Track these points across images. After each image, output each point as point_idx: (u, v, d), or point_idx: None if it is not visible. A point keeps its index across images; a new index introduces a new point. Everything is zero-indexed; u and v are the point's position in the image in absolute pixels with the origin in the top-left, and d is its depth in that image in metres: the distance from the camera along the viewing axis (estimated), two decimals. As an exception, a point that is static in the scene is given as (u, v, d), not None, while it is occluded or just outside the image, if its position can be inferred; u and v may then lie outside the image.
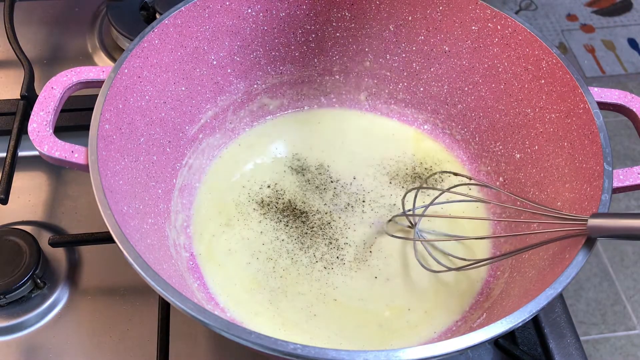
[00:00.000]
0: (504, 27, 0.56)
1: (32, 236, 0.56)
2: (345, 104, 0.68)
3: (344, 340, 0.52)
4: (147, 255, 0.43)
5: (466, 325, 0.52)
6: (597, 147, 0.48)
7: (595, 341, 1.36)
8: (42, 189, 0.63)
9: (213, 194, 0.61)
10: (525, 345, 0.55)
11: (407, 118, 0.67)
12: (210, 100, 0.60)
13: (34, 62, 0.68)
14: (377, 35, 0.62)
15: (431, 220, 0.59)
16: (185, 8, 0.54)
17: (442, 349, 0.37)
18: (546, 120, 0.54)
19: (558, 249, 0.47)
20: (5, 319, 0.54)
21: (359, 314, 0.53)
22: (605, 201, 0.45)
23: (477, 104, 0.61)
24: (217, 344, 0.54)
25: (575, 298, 1.42)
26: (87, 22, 0.78)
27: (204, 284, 0.55)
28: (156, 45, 0.53)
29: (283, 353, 0.37)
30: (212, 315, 0.38)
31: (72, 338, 0.54)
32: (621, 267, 1.48)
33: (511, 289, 0.50)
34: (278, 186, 0.61)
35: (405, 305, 0.54)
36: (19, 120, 0.61)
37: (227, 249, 0.57)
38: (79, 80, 0.51)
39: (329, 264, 0.56)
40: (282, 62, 0.63)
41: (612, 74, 1.84)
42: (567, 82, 0.52)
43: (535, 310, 0.39)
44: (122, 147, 0.49)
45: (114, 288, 0.57)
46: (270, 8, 0.59)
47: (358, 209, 0.60)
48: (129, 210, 0.47)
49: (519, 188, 0.57)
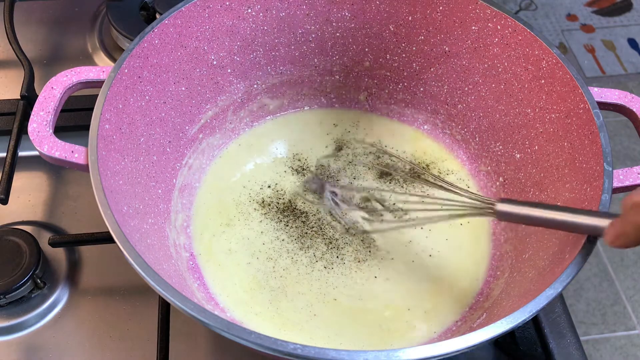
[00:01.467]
0: (504, 27, 0.56)
1: (32, 236, 0.56)
2: (345, 104, 0.68)
3: (344, 340, 0.52)
4: (147, 255, 0.43)
5: (466, 325, 0.52)
6: (597, 147, 0.48)
7: (595, 341, 1.36)
8: (42, 189, 0.63)
9: (213, 194, 0.61)
10: (525, 345, 0.55)
11: (407, 118, 0.67)
12: (210, 100, 0.60)
13: (34, 62, 0.68)
14: (377, 35, 0.62)
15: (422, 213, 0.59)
16: (185, 8, 0.54)
17: (442, 349, 0.37)
18: (546, 120, 0.54)
19: (558, 249, 0.47)
20: (5, 319, 0.54)
21: (358, 313, 0.53)
22: (605, 201, 0.45)
23: (477, 104, 0.61)
24: (217, 344, 0.54)
25: (575, 298, 1.42)
26: (87, 22, 0.78)
27: (204, 284, 0.55)
28: (156, 45, 0.53)
29: (283, 353, 0.37)
30: (212, 315, 0.38)
31: (72, 338, 0.54)
32: (621, 267, 1.48)
33: (511, 289, 0.50)
34: (278, 186, 0.61)
35: (405, 305, 0.54)
36: (19, 120, 0.61)
37: (227, 249, 0.57)
38: (79, 80, 0.51)
39: (329, 263, 0.56)
40: (282, 62, 0.63)
41: (612, 74, 1.84)
42: (567, 82, 0.52)
43: (535, 310, 0.39)
44: (122, 147, 0.49)
45: (114, 288, 0.57)
46: (270, 8, 0.59)
47: (359, 208, 0.60)
48: (129, 210, 0.47)
49: (519, 188, 0.57)
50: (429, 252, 0.57)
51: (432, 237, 0.58)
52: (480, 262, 0.57)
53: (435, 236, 0.58)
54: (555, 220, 0.44)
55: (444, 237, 0.58)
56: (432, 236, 0.58)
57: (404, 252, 0.57)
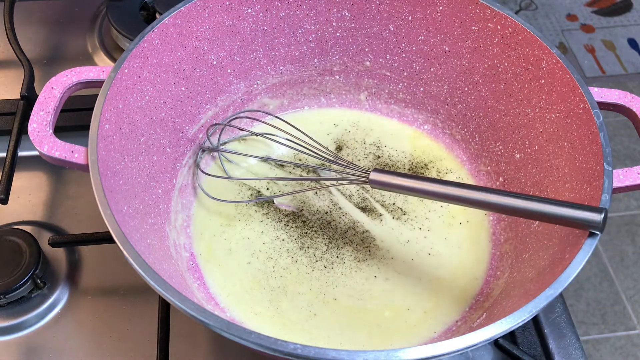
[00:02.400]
0: (504, 27, 0.56)
1: (32, 236, 0.56)
2: (345, 104, 0.68)
3: (344, 340, 0.52)
4: (147, 255, 0.43)
5: (466, 325, 0.52)
6: (597, 147, 0.48)
7: (595, 341, 1.36)
8: (42, 189, 0.63)
9: (213, 194, 0.60)
10: (525, 345, 0.55)
11: (407, 118, 0.67)
12: (210, 100, 0.60)
13: (34, 62, 0.68)
14: (377, 35, 0.62)
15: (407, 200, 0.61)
16: (185, 8, 0.54)
17: (442, 349, 0.37)
18: (546, 120, 0.54)
19: (558, 249, 0.47)
20: (5, 319, 0.54)
21: (358, 313, 0.53)
22: (605, 201, 0.45)
23: (477, 104, 0.61)
24: (217, 344, 0.54)
25: (575, 298, 1.42)
26: (87, 22, 0.78)
27: (204, 284, 0.55)
28: (156, 45, 0.53)
29: (283, 353, 0.37)
30: (212, 315, 0.38)
31: (72, 338, 0.54)
32: (621, 267, 1.48)
33: (511, 289, 0.50)
34: (279, 186, 0.61)
35: (405, 305, 0.54)
36: (19, 120, 0.61)
37: (227, 249, 0.57)
38: (79, 80, 0.51)
39: (329, 263, 0.56)
40: (282, 62, 0.63)
41: (612, 74, 1.84)
42: (567, 82, 0.52)
43: (535, 310, 0.39)
44: (122, 147, 0.49)
45: (114, 288, 0.57)
46: (270, 8, 0.59)
47: (358, 208, 0.60)
48: (129, 210, 0.47)
49: (519, 188, 0.57)
50: (427, 252, 0.57)
51: (431, 237, 0.58)
52: (480, 262, 0.57)
53: (435, 236, 0.58)
54: (424, 191, 0.49)
55: (443, 236, 0.58)
56: (431, 236, 0.58)
57: (404, 251, 0.57)
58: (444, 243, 0.58)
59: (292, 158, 0.64)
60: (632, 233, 1.52)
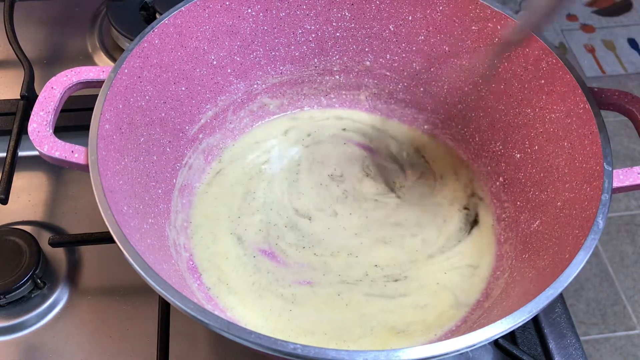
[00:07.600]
0: (504, 27, 0.56)
1: (32, 236, 0.56)
2: (345, 104, 0.68)
3: (347, 339, 0.52)
4: (147, 255, 0.43)
5: (466, 325, 0.52)
6: (597, 147, 0.48)
7: (595, 341, 1.36)
8: (42, 189, 0.63)
9: (213, 194, 0.60)
10: (525, 345, 0.55)
11: (407, 118, 0.67)
12: (210, 100, 0.60)
13: (34, 62, 0.68)
14: (377, 35, 0.62)
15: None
16: (185, 8, 0.54)
17: (442, 349, 0.37)
18: (546, 120, 0.54)
19: (558, 249, 0.47)
20: (5, 319, 0.54)
21: (358, 313, 0.53)
22: (605, 201, 0.45)
23: (477, 104, 0.61)
24: (217, 344, 0.54)
25: (575, 298, 1.42)
26: (87, 22, 0.78)
27: (204, 284, 0.55)
28: (156, 45, 0.53)
29: (283, 353, 0.37)
30: (212, 315, 0.38)
31: (72, 338, 0.54)
32: (621, 267, 1.48)
33: (511, 289, 0.50)
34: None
35: (405, 304, 0.54)
36: (19, 120, 0.61)
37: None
38: (79, 80, 0.51)
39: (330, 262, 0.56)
40: (282, 62, 0.63)
41: (612, 74, 1.84)
42: (567, 82, 0.52)
43: (535, 310, 0.39)
44: (122, 147, 0.49)
45: (114, 288, 0.57)
46: (270, 8, 0.59)
47: (358, 208, 0.60)
48: (129, 210, 0.47)
49: (519, 188, 0.57)
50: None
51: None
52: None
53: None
54: None
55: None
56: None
57: (404, 251, 0.57)
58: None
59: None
60: (632, 233, 1.52)
